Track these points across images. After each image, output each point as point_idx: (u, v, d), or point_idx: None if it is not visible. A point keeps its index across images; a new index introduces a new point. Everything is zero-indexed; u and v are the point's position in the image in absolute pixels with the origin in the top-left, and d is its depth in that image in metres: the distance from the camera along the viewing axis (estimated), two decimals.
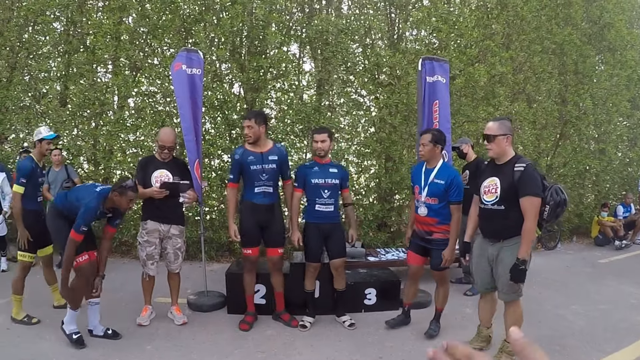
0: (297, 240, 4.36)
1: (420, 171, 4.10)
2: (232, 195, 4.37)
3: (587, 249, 8.70)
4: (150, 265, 4.42)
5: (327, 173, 4.34)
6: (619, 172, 9.92)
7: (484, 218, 3.62)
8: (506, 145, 3.46)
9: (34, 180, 4.36)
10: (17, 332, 4.22)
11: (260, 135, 4.22)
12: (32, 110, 7.09)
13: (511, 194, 3.36)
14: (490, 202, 3.49)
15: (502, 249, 3.50)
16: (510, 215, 3.39)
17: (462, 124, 7.26)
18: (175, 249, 4.48)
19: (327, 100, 7.23)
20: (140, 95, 6.89)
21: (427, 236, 4.07)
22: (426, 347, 4.10)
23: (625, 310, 5.16)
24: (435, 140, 3.97)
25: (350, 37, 6.87)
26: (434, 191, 3.96)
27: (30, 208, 4.34)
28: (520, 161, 3.40)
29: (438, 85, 4.96)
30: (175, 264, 4.52)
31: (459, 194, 3.95)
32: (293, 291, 4.64)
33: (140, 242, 4.41)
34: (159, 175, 4.31)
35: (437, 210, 3.98)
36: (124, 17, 6.82)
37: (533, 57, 8.16)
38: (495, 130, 3.44)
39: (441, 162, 4.03)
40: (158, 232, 4.38)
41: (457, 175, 4.03)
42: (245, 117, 4.27)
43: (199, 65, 4.73)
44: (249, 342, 4.18)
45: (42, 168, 4.51)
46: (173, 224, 4.44)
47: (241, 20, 6.35)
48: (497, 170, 3.50)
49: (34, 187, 4.37)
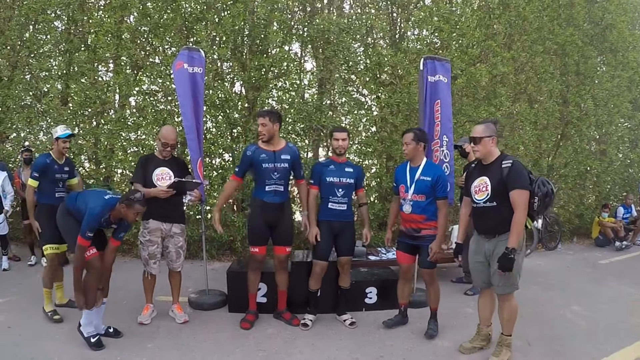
0: (315, 237, 4.37)
1: (405, 170, 4.17)
2: (230, 186, 4.44)
3: (588, 250, 8.70)
4: (153, 264, 4.40)
5: (342, 172, 4.38)
6: (620, 173, 9.92)
7: (478, 216, 3.72)
8: (492, 146, 3.60)
9: (50, 176, 4.47)
10: (18, 330, 4.22)
11: (274, 134, 4.23)
12: (33, 109, 7.10)
13: (501, 189, 3.49)
14: (482, 200, 3.61)
15: (498, 243, 3.58)
16: (502, 210, 3.51)
17: (464, 124, 7.26)
18: (177, 248, 4.47)
19: (328, 99, 7.24)
20: (141, 94, 6.89)
21: (415, 233, 4.11)
22: (427, 345, 4.12)
23: (626, 311, 5.15)
24: (417, 139, 4.06)
25: (352, 36, 6.88)
26: (421, 188, 4.04)
27: (44, 202, 4.47)
28: (507, 159, 3.55)
29: (440, 85, 4.96)
30: (177, 262, 4.52)
31: (445, 190, 4.07)
32: (294, 290, 4.64)
33: (142, 242, 4.39)
34: (160, 173, 4.31)
35: (424, 207, 4.05)
36: (125, 15, 6.83)
37: (535, 58, 8.17)
38: (480, 133, 3.59)
39: (425, 160, 4.14)
40: (160, 231, 4.36)
41: (442, 171, 4.20)
42: (259, 115, 4.27)
43: (201, 64, 4.73)
44: (250, 340, 4.17)
45: (62, 165, 4.55)
46: (175, 222, 4.43)
47: (243, 19, 6.35)
48: (485, 170, 3.64)
49: (50, 182, 4.48)
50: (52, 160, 4.50)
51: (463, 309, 5.00)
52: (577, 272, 6.93)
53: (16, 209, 7.00)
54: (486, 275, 3.75)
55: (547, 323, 4.71)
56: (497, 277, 3.58)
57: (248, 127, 6.53)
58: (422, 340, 4.19)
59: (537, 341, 4.21)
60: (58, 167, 4.53)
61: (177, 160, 4.55)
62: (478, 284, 3.91)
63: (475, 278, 3.91)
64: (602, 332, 4.54)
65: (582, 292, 5.83)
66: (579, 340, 4.30)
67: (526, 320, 4.42)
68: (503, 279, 3.55)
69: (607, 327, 4.65)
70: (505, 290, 3.63)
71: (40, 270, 6.09)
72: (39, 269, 6.18)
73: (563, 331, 4.51)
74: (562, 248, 8.61)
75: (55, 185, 4.52)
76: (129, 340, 4.10)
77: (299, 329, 4.40)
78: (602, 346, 4.18)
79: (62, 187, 4.60)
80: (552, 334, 4.44)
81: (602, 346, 4.18)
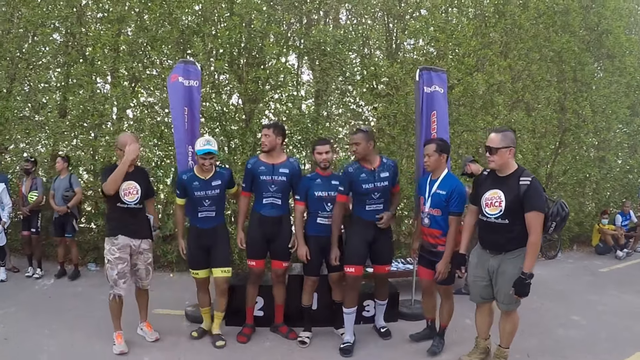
0: (305, 255, 4.29)
1: (426, 182, 4.06)
2: (244, 203, 4.40)
3: (588, 258, 8.67)
4: (122, 283, 4.09)
5: (329, 185, 4.27)
6: (620, 180, 9.89)
7: (486, 230, 3.55)
8: (509, 158, 3.40)
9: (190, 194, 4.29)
10: (15, 342, 4.23)
11: (275, 146, 4.26)
12: (31, 120, 7.12)
13: (516, 207, 3.32)
14: (493, 215, 3.43)
15: (503, 261, 3.46)
16: (514, 228, 3.36)
17: (461, 134, 7.25)
18: (147, 265, 4.29)
19: (325, 110, 7.22)
20: (139, 106, 6.90)
21: (432, 249, 4.01)
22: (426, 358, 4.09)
23: (627, 320, 5.13)
24: (440, 150, 3.93)
25: (348, 47, 6.88)
26: (436, 202, 3.91)
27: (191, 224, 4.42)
28: (525, 174, 3.36)
29: (436, 96, 4.94)
30: (147, 279, 4.34)
31: (459, 205, 3.88)
32: (291, 303, 4.62)
33: (110, 260, 4.06)
34: (127, 187, 4.05)
35: (440, 222, 3.91)
36: (122, 28, 6.85)
37: (531, 66, 8.17)
38: (497, 143, 3.38)
39: (445, 172, 3.99)
40: (129, 248, 4.13)
41: (460, 185, 3.96)
42: (264, 126, 4.32)
43: (197, 77, 4.72)
44: (247, 354, 4.16)
45: (203, 180, 4.24)
46: (143, 238, 4.24)
47: (239, 32, 6.37)
48: (499, 183, 3.44)
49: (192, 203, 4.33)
50: (192, 177, 4.27)
51: (463, 320, 4.95)
52: (577, 281, 6.91)
53: (14, 220, 7.02)
54: (486, 291, 3.67)
55: (547, 334, 4.69)
56: (503, 295, 3.49)
57: (245, 140, 6.53)
58: (421, 354, 4.17)
59: (537, 353, 4.18)
60: (200, 182, 4.27)
61: (142, 171, 4.37)
62: (476, 298, 3.80)
63: (474, 292, 3.80)
64: (603, 342, 4.52)
65: (582, 301, 5.81)
66: (579, 351, 4.29)
67: (526, 331, 4.38)
68: (509, 297, 3.45)
69: (608, 337, 4.62)
70: (510, 308, 3.57)
71: (39, 282, 6.12)
72: (37, 281, 6.18)
73: (563, 342, 4.50)
74: (562, 256, 8.58)
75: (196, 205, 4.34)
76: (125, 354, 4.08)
77: (296, 343, 4.38)
78: (604, 356, 4.18)
79: (204, 204, 4.33)
80: (553, 345, 4.42)
81: (603, 356, 4.18)
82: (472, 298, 3.84)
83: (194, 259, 4.34)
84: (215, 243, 4.30)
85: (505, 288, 3.45)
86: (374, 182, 4.11)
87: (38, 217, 6.59)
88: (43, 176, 7.20)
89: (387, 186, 4.16)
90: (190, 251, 4.35)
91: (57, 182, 6.42)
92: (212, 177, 4.24)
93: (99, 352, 4.06)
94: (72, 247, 6.50)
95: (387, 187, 4.17)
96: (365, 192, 4.12)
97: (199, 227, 4.28)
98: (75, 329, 4.55)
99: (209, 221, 4.27)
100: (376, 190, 4.12)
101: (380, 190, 4.14)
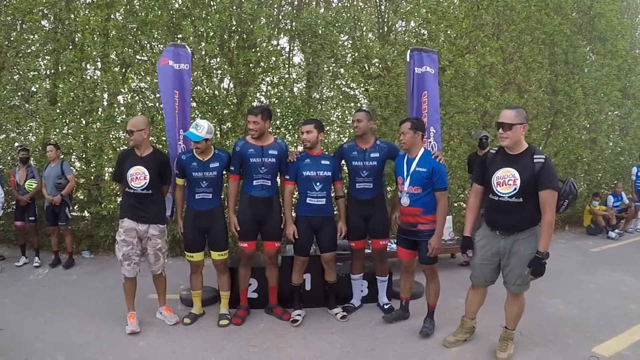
0: (292, 234, 4.35)
1: (402, 161, 4.09)
2: (233, 186, 4.39)
3: (580, 238, 8.74)
4: (127, 265, 4.18)
5: (319, 165, 4.31)
6: (611, 162, 9.98)
7: (497, 211, 3.45)
8: (522, 135, 3.34)
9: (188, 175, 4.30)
10: (10, 332, 4.22)
11: (264, 131, 4.27)
12: (21, 109, 7.04)
13: (531, 185, 3.26)
14: (507, 194, 3.34)
15: (516, 241, 3.42)
16: (527, 207, 3.31)
17: (453, 115, 7.25)
18: (156, 250, 4.29)
19: (317, 92, 7.20)
20: (129, 92, 6.84)
21: (412, 228, 4.02)
22: (418, 339, 4.12)
23: (618, 299, 5.20)
24: (415, 127, 3.96)
25: (339, 29, 6.83)
26: (416, 180, 3.93)
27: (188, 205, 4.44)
28: (538, 152, 3.32)
29: (427, 76, 4.94)
30: (156, 265, 4.36)
31: (443, 181, 3.92)
32: (284, 284, 4.65)
33: (118, 241, 4.20)
34: (134, 173, 4.10)
35: (421, 200, 3.95)
36: (111, 13, 6.75)
37: (523, 48, 8.17)
38: (512, 119, 3.28)
39: (422, 150, 4.03)
40: (135, 232, 4.17)
41: (436, 162, 3.99)
42: (250, 112, 4.24)
43: (187, 60, 4.69)
44: (242, 336, 4.18)
45: (201, 162, 4.24)
46: (152, 223, 4.23)
47: (229, 14, 6.30)
48: (512, 161, 3.36)
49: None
50: (190, 158, 4.29)
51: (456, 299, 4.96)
52: (569, 261, 6.98)
53: (7, 210, 6.99)
54: (491, 274, 3.65)
55: (539, 313, 4.73)
56: (516, 276, 3.47)
57: (237, 123, 6.51)
58: (414, 333, 4.20)
59: (529, 331, 4.21)
60: (198, 164, 4.28)
61: (157, 156, 4.27)
62: (479, 282, 3.75)
63: (477, 275, 3.74)
64: (594, 320, 4.57)
65: (574, 281, 5.87)
66: (571, 329, 4.33)
67: None
68: (522, 278, 3.45)
69: (599, 315, 4.68)
70: (522, 289, 3.56)
71: (33, 272, 6.11)
72: (31, 271, 6.17)
73: (556, 320, 4.55)
74: (555, 237, 8.64)
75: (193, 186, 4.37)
76: (121, 338, 4.10)
77: (290, 324, 4.41)
78: (595, 334, 4.21)
79: (201, 185, 4.34)
80: (545, 323, 4.46)
81: (595, 334, 4.21)
82: (476, 281, 3.78)
83: (189, 242, 4.37)
84: (212, 226, 4.34)
85: (519, 269, 3.43)
86: (362, 161, 4.39)
87: (34, 205, 6.57)
88: (35, 165, 7.15)
89: (375, 166, 4.40)
90: (186, 234, 4.38)
91: (47, 170, 6.36)
92: (210, 159, 4.27)
93: (93, 339, 4.06)
94: (66, 235, 6.49)
95: (375, 167, 4.40)
96: (354, 168, 4.43)
97: (195, 209, 4.31)
98: (70, 317, 4.55)
99: (206, 203, 4.30)
100: (364, 168, 4.40)
101: (369, 169, 4.40)
